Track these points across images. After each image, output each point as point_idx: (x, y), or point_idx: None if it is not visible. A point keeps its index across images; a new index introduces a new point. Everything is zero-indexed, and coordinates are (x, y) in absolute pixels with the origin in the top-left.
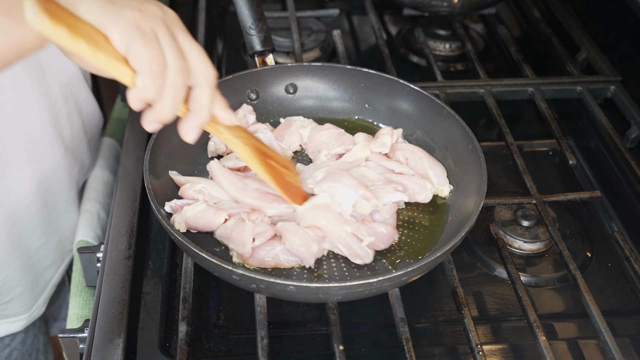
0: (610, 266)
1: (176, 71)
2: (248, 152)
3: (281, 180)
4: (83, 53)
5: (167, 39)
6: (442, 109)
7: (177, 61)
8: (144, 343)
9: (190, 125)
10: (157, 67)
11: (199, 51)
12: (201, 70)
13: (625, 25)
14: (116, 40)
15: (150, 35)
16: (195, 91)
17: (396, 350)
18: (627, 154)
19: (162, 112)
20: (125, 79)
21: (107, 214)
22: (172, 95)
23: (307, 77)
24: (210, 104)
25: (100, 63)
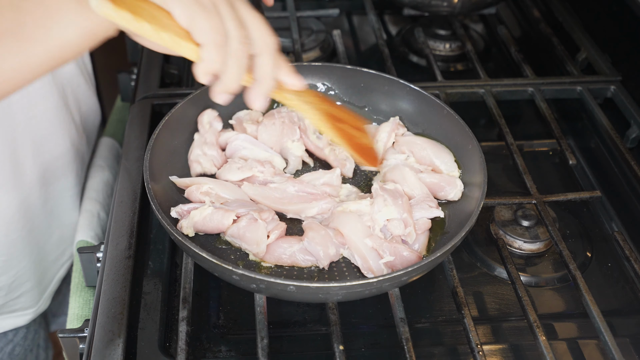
0: (610, 266)
1: (238, 40)
2: (320, 118)
3: (354, 143)
4: (147, 34)
5: (227, 10)
6: (442, 109)
7: (238, 30)
8: (144, 343)
9: (256, 93)
10: (219, 38)
11: (259, 20)
12: (261, 38)
13: (625, 25)
14: (179, 16)
15: (210, 8)
16: (258, 59)
17: (396, 350)
18: (627, 154)
19: (228, 82)
20: (190, 54)
21: (107, 214)
22: (237, 64)
23: (307, 76)
24: (273, 71)
25: (164, 41)
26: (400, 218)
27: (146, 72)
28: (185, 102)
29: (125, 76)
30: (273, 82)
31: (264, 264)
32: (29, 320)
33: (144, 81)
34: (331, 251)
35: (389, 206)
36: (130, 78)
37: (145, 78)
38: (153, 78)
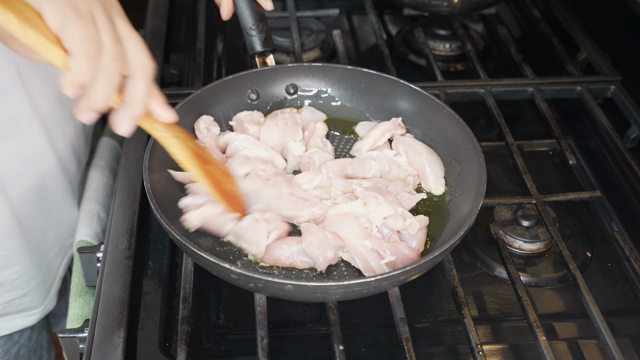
0: (610, 266)
1: (111, 55)
2: (186, 154)
3: (219, 187)
4: (12, 28)
5: (104, 21)
6: (442, 109)
7: (113, 45)
8: (144, 343)
9: (123, 117)
10: (91, 49)
11: (137, 40)
12: (138, 59)
13: (625, 25)
14: (49, 18)
15: (86, 15)
16: (131, 81)
17: (396, 350)
18: (627, 154)
19: (95, 98)
20: (56, 61)
21: (107, 214)
22: (106, 80)
23: (308, 77)
24: (144, 96)
25: (30, 40)
26: (398, 213)
27: None
28: (183, 103)
29: None
30: (143, 108)
31: (262, 264)
32: (36, 320)
33: None
34: (329, 254)
35: (382, 204)
36: None
37: None
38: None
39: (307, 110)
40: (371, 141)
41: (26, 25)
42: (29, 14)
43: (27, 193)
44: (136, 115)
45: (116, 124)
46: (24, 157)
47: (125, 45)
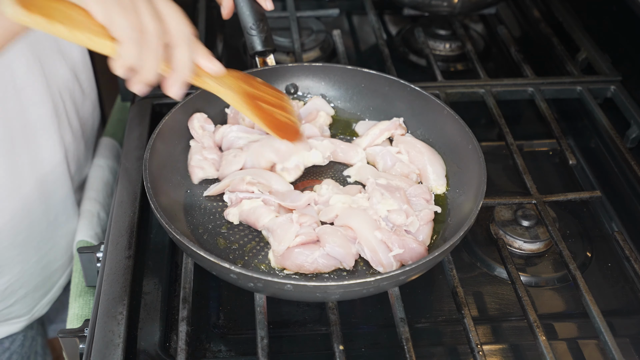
0: (610, 266)
1: (154, 34)
2: (238, 101)
3: (271, 119)
4: (61, 34)
5: (144, 4)
6: (442, 109)
7: (155, 24)
8: (144, 343)
9: (173, 81)
10: (136, 35)
11: (175, 11)
12: (178, 29)
13: (625, 25)
14: (97, 13)
15: (127, 3)
16: (175, 50)
17: (396, 350)
18: (627, 154)
19: (145, 74)
20: (107, 51)
21: (107, 214)
22: (153, 57)
23: (308, 77)
24: (189, 61)
25: (79, 41)
26: (401, 209)
27: None
28: (184, 102)
29: None
30: (189, 71)
31: (286, 272)
32: (22, 328)
33: None
34: (353, 250)
35: (387, 199)
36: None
37: None
38: None
39: (317, 99)
40: (369, 139)
41: (74, 28)
42: (74, 15)
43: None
44: (184, 78)
45: (168, 88)
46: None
47: (165, 19)
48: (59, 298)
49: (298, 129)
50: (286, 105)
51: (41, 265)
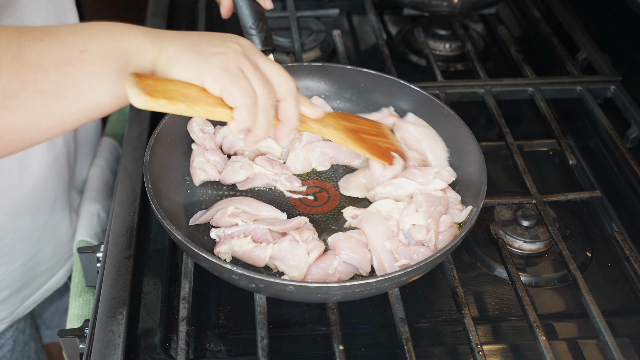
0: (610, 266)
1: (265, 97)
2: (342, 137)
3: (377, 149)
4: (182, 112)
5: (251, 71)
6: (442, 109)
7: (264, 88)
8: (144, 343)
9: (284, 133)
10: (249, 100)
11: (278, 69)
12: (283, 85)
13: (625, 25)
14: (211, 87)
15: (237, 73)
16: (282, 104)
17: (396, 350)
18: (627, 154)
19: (260, 133)
20: (225, 118)
21: (107, 214)
22: (266, 118)
23: (308, 77)
24: (296, 113)
25: (198, 114)
26: (424, 225)
27: None
28: None
29: None
30: (297, 121)
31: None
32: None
33: None
34: (368, 255)
35: (420, 213)
36: None
37: None
38: None
39: (316, 100)
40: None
41: (192, 104)
42: (190, 92)
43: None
44: (293, 128)
45: (279, 139)
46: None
47: (270, 79)
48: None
49: (402, 150)
50: (385, 132)
51: (26, 268)
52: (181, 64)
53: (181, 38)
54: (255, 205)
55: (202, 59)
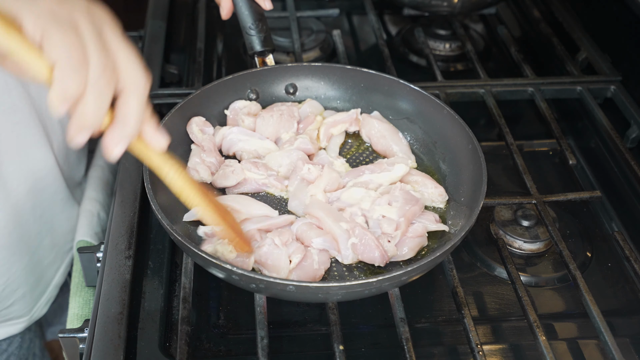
0: (610, 266)
1: (99, 66)
2: (185, 184)
3: (226, 218)
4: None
5: (89, 29)
6: (442, 109)
7: (100, 55)
8: (144, 343)
9: (115, 137)
10: (75, 57)
11: (129, 51)
12: (130, 72)
13: (625, 25)
14: (29, 27)
15: (68, 23)
16: (123, 97)
17: (396, 350)
18: (627, 154)
19: (86, 114)
20: (41, 72)
21: (107, 214)
22: (96, 93)
23: (307, 77)
24: (139, 113)
25: (12, 46)
26: (396, 220)
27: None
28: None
29: None
30: (136, 126)
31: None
32: (22, 329)
33: None
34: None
35: (394, 208)
36: None
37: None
38: (153, 78)
39: (308, 104)
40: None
41: (9, 30)
42: (5, 27)
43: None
44: (129, 134)
45: (107, 145)
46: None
47: (115, 57)
48: (56, 300)
49: (249, 244)
50: (232, 217)
51: (33, 263)
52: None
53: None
54: (248, 203)
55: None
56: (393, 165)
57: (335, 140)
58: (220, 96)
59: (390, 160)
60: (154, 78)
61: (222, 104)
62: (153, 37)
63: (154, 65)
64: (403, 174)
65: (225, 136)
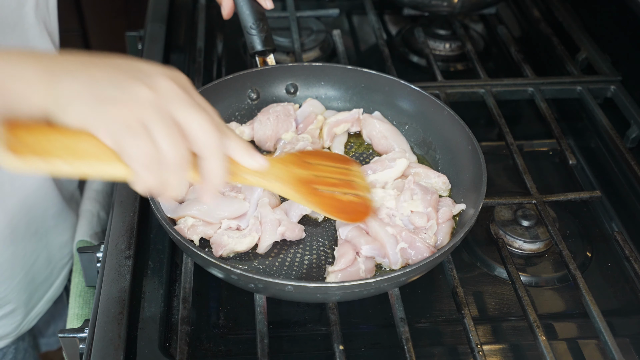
0: (610, 266)
1: (173, 155)
2: (286, 190)
3: (333, 203)
4: (63, 171)
5: (159, 125)
6: (442, 109)
7: (173, 146)
8: (144, 343)
9: (205, 192)
10: (149, 161)
11: (200, 119)
12: (204, 140)
13: (625, 25)
14: (105, 140)
15: (138, 130)
16: (204, 162)
17: (396, 350)
18: (627, 154)
19: (170, 192)
20: (121, 175)
21: (107, 214)
22: (174, 178)
23: (308, 77)
24: (220, 171)
25: (86, 172)
26: (425, 212)
27: None
28: None
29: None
30: (222, 180)
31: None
32: (8, 343)
33: None
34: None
35: (416, 200)
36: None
37: None
38: None
39: (309, 104)
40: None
41: (77, 160)
42: (81, 145)
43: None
44: (217, 186)
45: (203, 198)
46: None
47: (188, 132)
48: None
49: (368, 204)
50: (351, 177)
51: (27, 279)
52: (74, 109)
53: (81, 74)
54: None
55: (98, 107)
56: (394, 161)
57: (340, 139)
58: (221, 96)
59: (389, 156)
60: None
61: (223, 103)
62: (153, 38)
63: None
64: (405, 168)
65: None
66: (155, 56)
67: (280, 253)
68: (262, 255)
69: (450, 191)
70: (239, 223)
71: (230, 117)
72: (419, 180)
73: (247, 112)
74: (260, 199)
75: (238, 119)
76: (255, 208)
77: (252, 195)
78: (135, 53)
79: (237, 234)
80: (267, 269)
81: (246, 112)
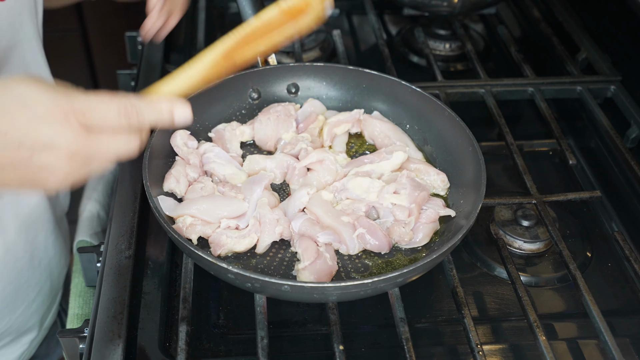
0: (610, 266)
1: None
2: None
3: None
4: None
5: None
6: (442, 110)
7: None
8: (144, 343)
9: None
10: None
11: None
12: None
13: (625, 25)
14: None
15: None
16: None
17: (396, 350)
18: (627, 154)
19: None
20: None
21: (107, 214)
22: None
23: (309, 77)
24: (134, 144)
25: None
26: (407, 206)
27: (146, 72)
28: None
29: (125, 76)
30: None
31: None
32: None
33: (144, 81)
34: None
35: (403, 195)
36: (131, 77)
37: (145, 78)
38: (153, 78)
39: (309, 104)
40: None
41: None
42: None
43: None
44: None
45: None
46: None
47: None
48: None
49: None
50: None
51: (29, 312)
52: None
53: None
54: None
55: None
56: (392, 154)
57: (341, 139)
58: (222, 95)
59: (388, 149)
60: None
61: (224, 103)
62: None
63: (153, 65)
64: (402, 161)
65: (206, 151)
66: (155, 56)
67: (278, 252)
68: (260, 254)
69: (449, 191)
70: (238, 223)
71: (232, 117)
72: (418, 176)
73: (248, 112)
74: (260, 199)
75: (239, 119)
76: (255, 208)
77: (252, 195)
78: (136, 54)
79: (236, 234)
80: (264, 268)
81: (247, 112)
